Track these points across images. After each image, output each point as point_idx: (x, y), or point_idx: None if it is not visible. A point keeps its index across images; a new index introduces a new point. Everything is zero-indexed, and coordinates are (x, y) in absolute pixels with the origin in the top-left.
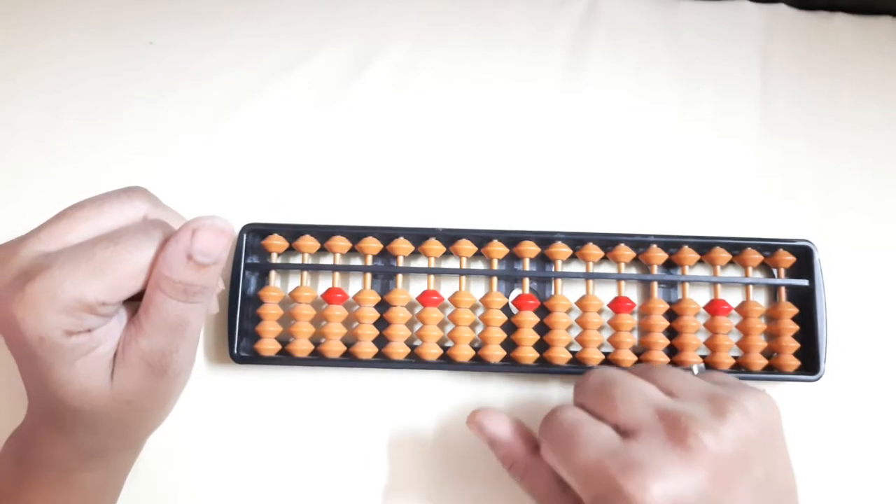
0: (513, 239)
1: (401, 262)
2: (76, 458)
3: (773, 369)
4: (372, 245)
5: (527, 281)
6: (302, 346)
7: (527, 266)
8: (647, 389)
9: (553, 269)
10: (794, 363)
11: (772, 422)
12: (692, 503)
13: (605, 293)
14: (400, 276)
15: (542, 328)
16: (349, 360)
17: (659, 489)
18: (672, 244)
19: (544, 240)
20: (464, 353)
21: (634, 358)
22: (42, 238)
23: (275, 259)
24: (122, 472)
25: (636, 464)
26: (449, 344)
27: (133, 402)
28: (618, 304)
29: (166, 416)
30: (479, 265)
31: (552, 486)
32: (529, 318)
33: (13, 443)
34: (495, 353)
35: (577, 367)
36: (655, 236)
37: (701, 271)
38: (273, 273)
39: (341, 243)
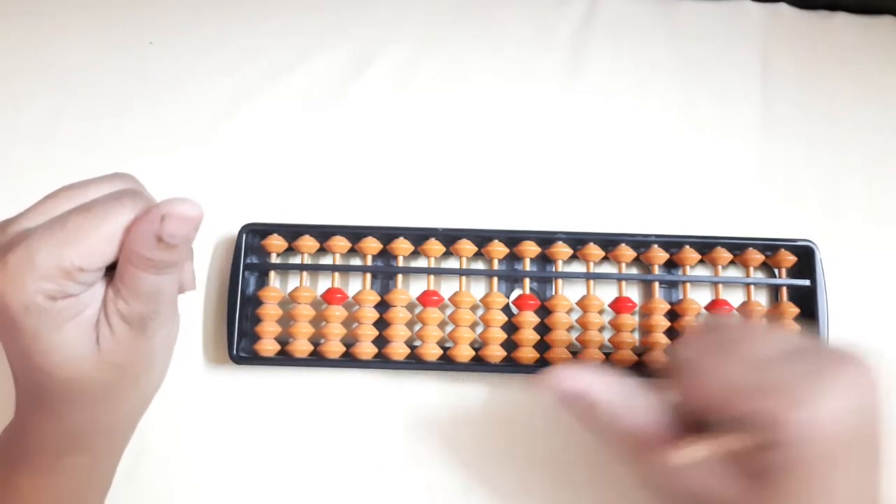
0: (513, 239)
1: (401, 262)
2: (64, 441)
3: None
4: (372, 245)
5: (527, 281)
6: (301, 347)
7: (527, 266)
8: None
9: (554, 270)
10: None
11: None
12: (854, 419)
13: (605, 293)
14: (400, 277)
15: (543, 328)
16: (349, 360)
17: (828, 402)
18: (673, 244)
19: (545, 240)
20: (464, 353)
21: (635, 358)
22: (28, 216)
23: (274, 259)
24: (111, 458)
25: (807, 374)
26: (449, 344)
27: (121, 365)
28: (619, 305)
29: (154, 391)
30: (480, 265)
31: (654, 433)
32: (530, 319)
33: (1, 438)
34: (496, 353)
35: None
36: (656, 236)
37: (702, 271)
38: (272, 273)
39: (341, 243)
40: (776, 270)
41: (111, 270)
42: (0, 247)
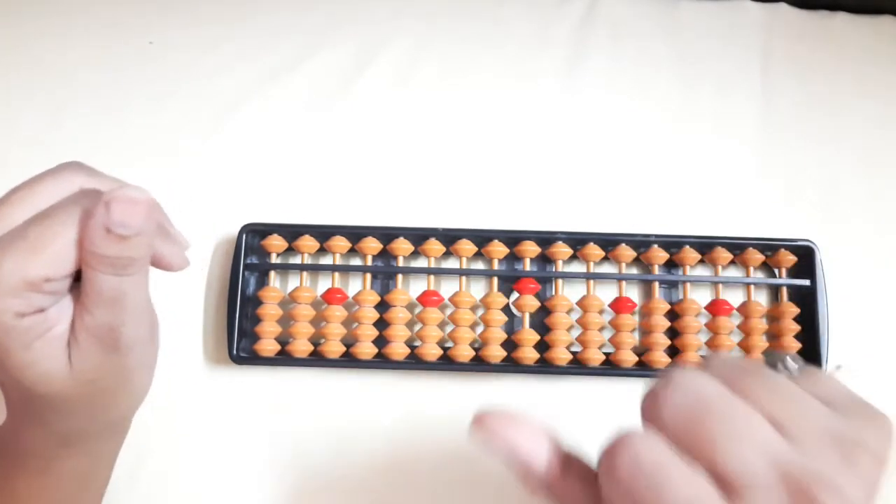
0: (513, 239)
1: (401, 263)
2: (55, 444)
3: None
4: (372, 245)
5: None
6: (301, 347)
7: (527, 266)
8: (755, 425)
9: (554, 269)
10: None
11: (889, 453)
12: None
13: (605, 293)
14: (400, 277)
15: (543, 328)
16: (349, 360)
17: None
18: (673, 244)
19: (545, 240)
20: (464, 353)
21: (635, 359)
22: None
23: (274, 259)
24: (106, 460)
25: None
26: (449, 344)
27: (95, 381)
28: (619, 305)
29: (143, 395)
30: (479, 265)
31: None
32: (531, 303)
33: None
34: (495, 353)
35: (577, 367)
36: (656, 236)
37: (702, 271)
38: (272, 273)
39: (341, 243)
40: (776, 270)
41: (78, 289)
42: None
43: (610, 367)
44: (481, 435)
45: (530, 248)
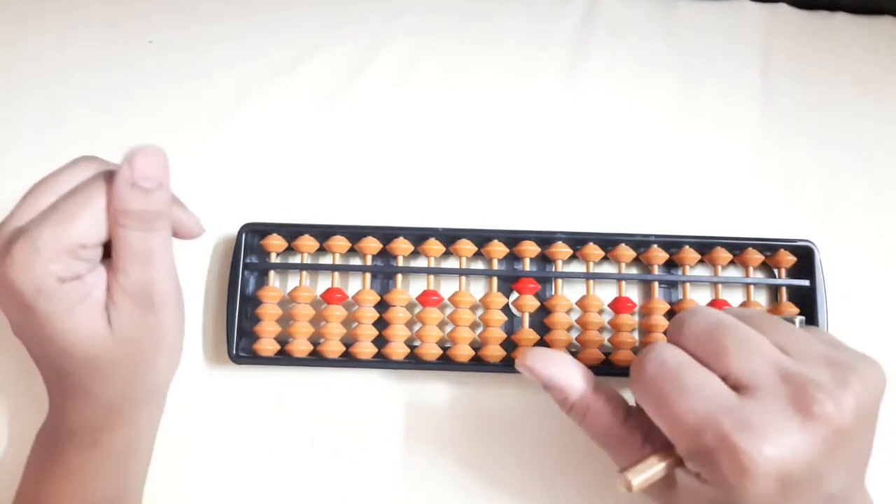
0: (513, 239)
1: (400, 262)
2: (102, 415)
3: None
4: (371, 245)
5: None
6: (301, 347)
7: (527, 266)
8: (762, 343)
9: (553, 269)
10: None
11: (881, 393)
12: (800, 471)
13: (605, 293)
14: (399, 276)
15: (543, 328)
16: (348, 360)
17: (774, 453)
18: (673, 244)
19: (544, 240)
20: (464, 353)
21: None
22: (15, 216)
23: (274, 259)
24: (149, 430)
25: (753, 423)
26: (449, 344)
27: (134, 341)
28: (618, 305)
29: (177, 359)
30: (479, 265)
31: (614, 427)
32: (530, 302)
33: (41, 434)
34: (495, 353)
35: None
36: (656, 236)
37: (702, 271)
38: (272, 273)
39: (340, 243)
40: (776, 270)
41: (110, 259)
42: (2, 243)
43: (610, 367)
44: (523, 370)
45: (530, 248)
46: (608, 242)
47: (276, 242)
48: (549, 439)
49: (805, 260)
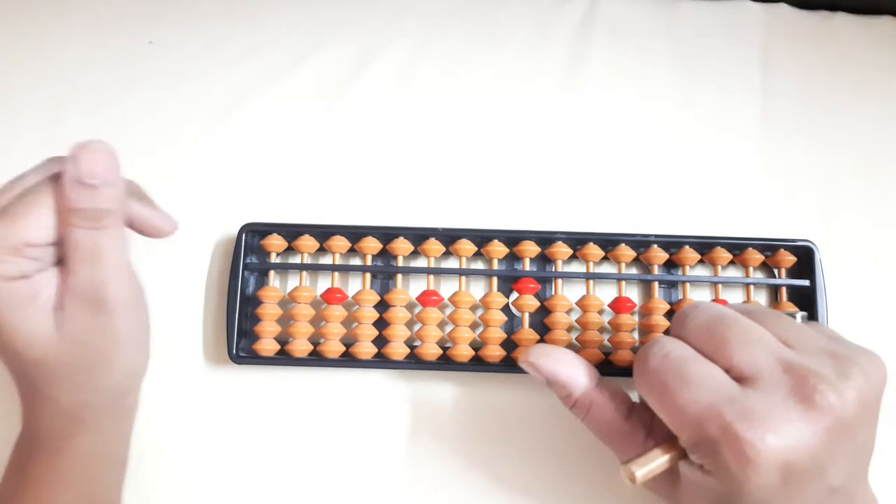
0: (513, 239)
1: (400, 262)
2: (63, 422)
3: None
4: (371, 245)
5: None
6: (301, 347)
7: (527, 266)
8: (765, 336)
9: (553, 269)
10: None
11: (882, 386)
12: (802, 462)
13: (605, 293)
14: (399, 276)
15: (543, 328)
16: (348, 360)
17: (776, 443)
18: (673, 244)
19: (544, 240)
20: (464, 353)
21: None
22: None
23: (274, 259)
24: (118, 438)
25: (755, 414)
26: (449, 344)
27: (84, 343)
28: (618, 305)
29: (141, 363)
30: (479, 265)
31: (617, 422)
32: (530, 303)
33: (16, 444)
34: (495, 353)
35: None
36: (656, 236)
37: (702, 271)
38: (272, 273)
39: (340, 243)
40: (776, 270)
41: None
42: None
43: (610, 367)
44: (527, 367)
45: (530, 248)
46: (608, 242)
47: (276, 242)
48: (550, 439)
49: (805, 260)
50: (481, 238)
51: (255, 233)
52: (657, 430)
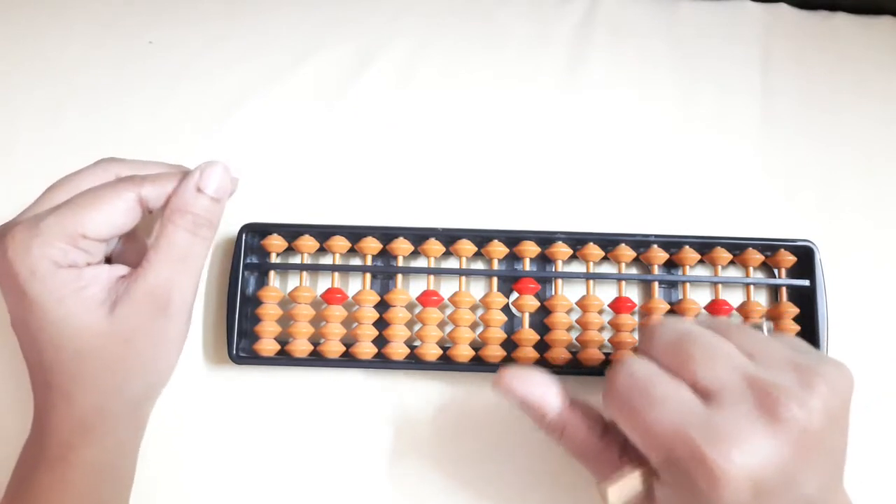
0: (513, 239)
1: (400, 262)
2: (75, 429)
3: None
4: (371, 245)
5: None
6: (301, 347)
7: (527, 266)
8: (728, 350)
9: (553, 269)
10: None
11: (849, 394)
12: (771, 476)
13: (605, 293)
14: (399, 277)
15: (543, 328)
16: (348, 360)
17: (743, 460)
18: (673, 244)
19: (544, 240)
20: (464, 353)
21: None
22: (36, 205)
23: (274, 259)
24: (125, 453)
25: (721, 431)
26: (449, 344)
27: (130, 342)
28: (618, 305)
29: (165, 375)
30: (479, 265)
31: (591, 442)
32: (530, 303)
33: (21, 452)
34: (495, 353)
35: (577, 368)
36: (656, 236)
37: (702, 271)
38: (272, 273)
39: (341, 243)
40: (776, 270)
41: (128, 248)
42: (10, 224)
43: (609, 368)
44: (500, 390)
45: (530, 248)
46: (608, 242)
47: (276, 243)
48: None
49: (805, 260)
50: (481, 238)
51: (255, 233)
52: (631, 449)
